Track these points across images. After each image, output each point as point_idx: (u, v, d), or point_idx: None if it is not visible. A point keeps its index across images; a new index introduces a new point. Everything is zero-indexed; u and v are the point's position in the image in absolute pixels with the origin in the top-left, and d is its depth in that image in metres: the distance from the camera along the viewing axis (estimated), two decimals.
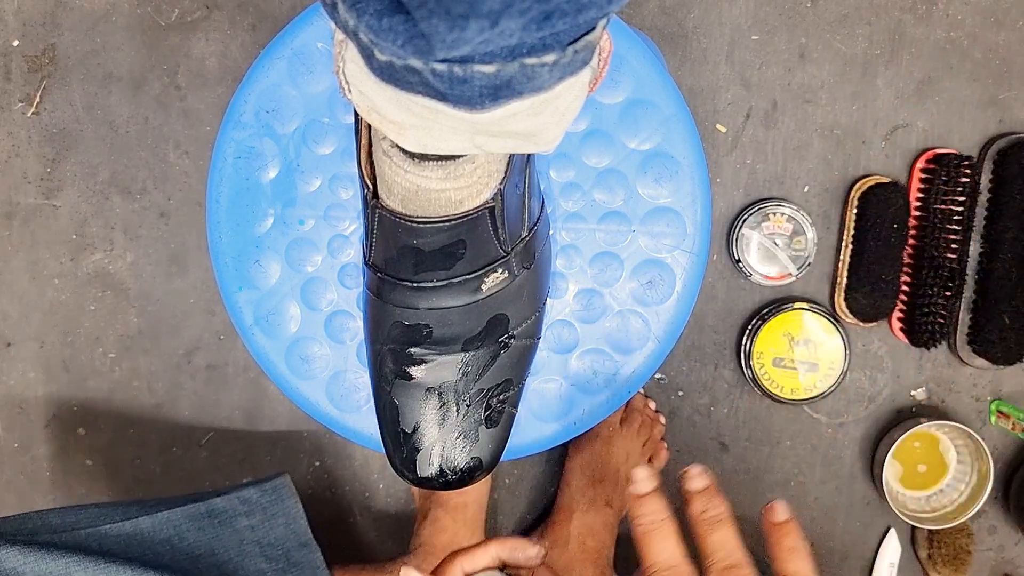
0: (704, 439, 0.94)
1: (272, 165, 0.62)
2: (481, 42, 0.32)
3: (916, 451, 0.93)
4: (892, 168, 0.91)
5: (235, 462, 0.96)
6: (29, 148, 0.93)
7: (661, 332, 0.63)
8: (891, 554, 0.95)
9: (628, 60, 0.61)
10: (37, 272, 0.94)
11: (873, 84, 0.90)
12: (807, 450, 0.95)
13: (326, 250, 0.62)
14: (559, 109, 0.43)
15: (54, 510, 0.67)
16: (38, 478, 0.97)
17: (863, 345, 0.93)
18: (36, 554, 0.59)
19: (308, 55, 0.61)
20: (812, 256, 0.88)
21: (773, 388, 0.90)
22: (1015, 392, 0.93)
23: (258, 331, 0.63)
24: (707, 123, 0.91)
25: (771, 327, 0.89)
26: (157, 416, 0.96)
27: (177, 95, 0.92)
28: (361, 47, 0.38)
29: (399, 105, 0.41)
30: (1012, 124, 0.90)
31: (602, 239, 0.62)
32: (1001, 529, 0.96)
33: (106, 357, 0.95)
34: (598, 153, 0.62)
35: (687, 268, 0.62)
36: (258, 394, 0.95)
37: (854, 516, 0.96)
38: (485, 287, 0.53)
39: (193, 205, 0.93)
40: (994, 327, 0.86)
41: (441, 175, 0.46)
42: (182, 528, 0.69)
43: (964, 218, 0.87)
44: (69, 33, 0.92)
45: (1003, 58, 0.90)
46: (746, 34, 0.90)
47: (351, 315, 0.63)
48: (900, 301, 0.90)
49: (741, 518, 0.94)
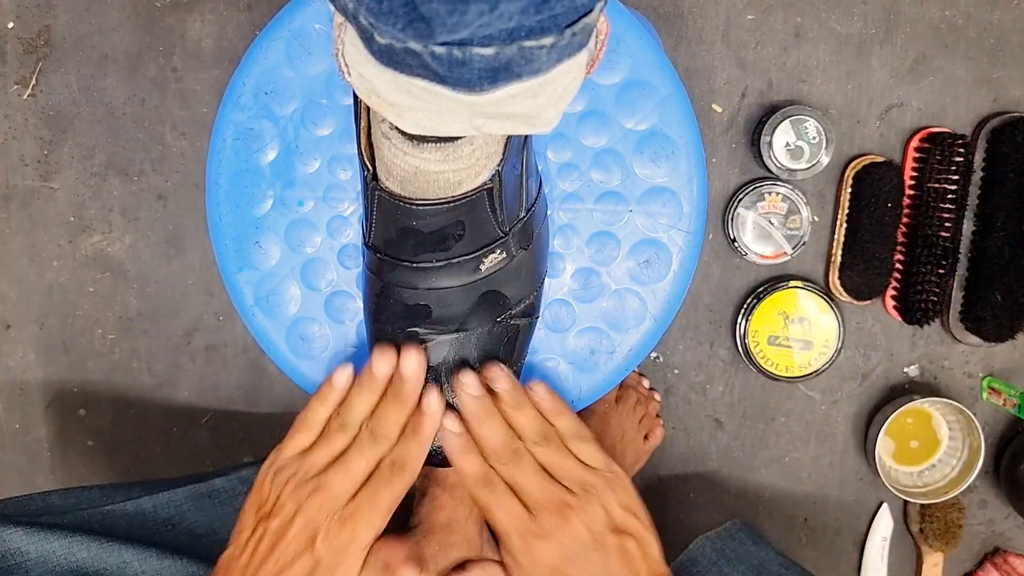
0: (700, 416, 0.96)
1: (271, 147, 0.62)
2: (480, 25, 0.33)
3: (909, 427, 0.94)
4: (886, 147, 0.91)
5: (235, 441, 0.97)
6: (26, 130, 0.93)
7: (657, 311, 0.64)
8: (883, 528, 0.97)
9: (625, 41, 0.61)
10: (36, 254, 0.94)
11: (868, 63, 0.90)
12: (801, 427, 0.96)
13: (325, 231, 0.63)
14: (557, 91, 0.43)
15: (56, 491, 0.67)
16: (39, 459, 0.98)
17: (857, 323, 0.94)
18: (39, 534, 0.59)
19: (306, 36, 0.62)
20: (807, 235, 0.89)
21: (768, 366, 0.91)
22: (1007, 369, 0.95)
23: (258, 311, 0.64)
24: (703, 103, 0.91)
25: (766, 306, 0.90)
26: (157, 397, 0.96)
27: (174, 76, 0.92)
28: (361, 30, 0.38)
29: (398, 87, 0.41)
30: (1006, 103, 0.91)
31: (599, 219, 0.63)
32: (992, 503, 0.97)
33: (105, 338, 0.95)
34: (595, 133, 0.62)
35: (683, 247, 0.63)
36: (257, 374, 0.95)
37: (847, 491, 0.97)
38: (484, 267, 0.54)
39: (191, 187, 0.93)
40: (986, 305, 0.86)
41: (440, 157, 0.47)
42: (183, 508, 0.70)
43: (957, 197, 0.87)
44: (64, 15, 0.91)
45: (997, 37, 0.90)
46: (742, 14, 0.90)
47: (351, 295, 0.63)
48: (894, 279, 0.91)
49: (736, 494, 0.96)
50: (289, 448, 0.54)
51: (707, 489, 0.96)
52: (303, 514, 0.51)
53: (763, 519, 0.97)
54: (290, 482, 0.52)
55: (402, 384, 0.54)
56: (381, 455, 0.53)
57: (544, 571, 0.52)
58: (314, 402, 0.56)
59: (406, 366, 0.54)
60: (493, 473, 0.54)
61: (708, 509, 0.96)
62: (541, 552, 0.51)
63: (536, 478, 0.53)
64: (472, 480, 0.54)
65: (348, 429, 0.54)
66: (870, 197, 0.86)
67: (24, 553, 0.58)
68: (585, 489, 0.54)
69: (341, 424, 0.54)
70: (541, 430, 0.55)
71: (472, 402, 0.54)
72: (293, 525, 0.51)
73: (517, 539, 0.52)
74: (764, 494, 0.97)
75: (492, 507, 0.53)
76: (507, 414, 0.55)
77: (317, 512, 0.51)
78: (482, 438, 0.54)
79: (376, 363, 0.54)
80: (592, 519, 0.53)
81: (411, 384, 0.54)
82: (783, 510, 0.97)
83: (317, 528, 0.51)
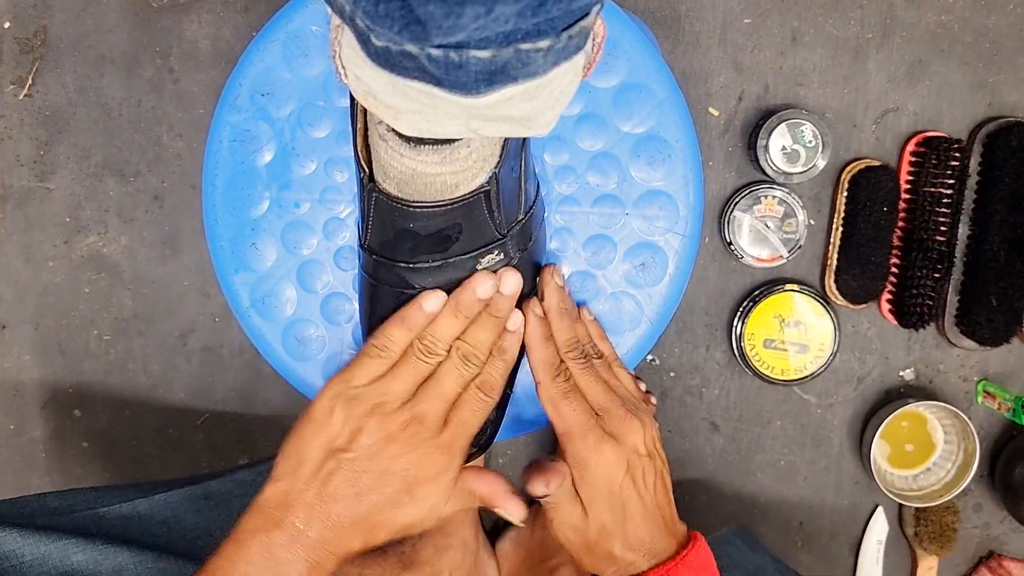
0: (695, 420, 0.96)
1: (267, 148, 0.62)
2: (476, 28, 0.33)
3: (904, 431, 0.95)
4: (882, 151, 0.92)
5: (231, 444, 0.97)
6: (22, 131, 0.93)
7: (653, 314, 0.64)
8: (879, 532, 0.97)
9: (622, 44, 0.61)
10: (31, 255, 0.94)
11: (864, 68, 0.91)
12: (797, 430, 0.96)
13: (322, 233, 0.63)
14: (554, 94, 0.43)
15: (51, 493, 0.67)
16: (34, 460, 0.97)
17: (853, 326, 0.94)
18: (34, 536, 0.59)
19: (303, 38, 0.62)
20: (803, 238, 0.89)
21: (764, 369, 0.91)
22: (1002, 373, 0.95)
23: (254, 313, 0.64)
24: (700, 106, 0.91)
25: (762, 309, 0.90)
26: (153, 398, 0.96)
27: (170, 77, 0.92)
28: (357, 32, 0.38)
29: (395, 90, 0.41)
30: (1001, 108, 0.91)
31: (596, 222, 0.63)
32: (987, 507, 0.97)
33: (101, 340, 0.95)
34: (592, 137, 0.62)
35: (679, 250, 0.63)
36: (253, 376, 0.95)
37: (843, 495, 0.97)
38: (480, 267, 0.54)
39: (187, 188, 0.93)
40: (982, 309, 0.87)
41: (437, 159, 0.47)
42: (179, 510, 0.69)
43: (953, 201, 0.88)
44: (61, 15, 0.91)
45: (993, 41, 0.90)
46: (739, 17, 0.90)
47: (347, 297, 0.63)
48: (889, 283, 0.91)
49: (732, 497, 0.96)
50: (361, 375, 0.52)
51: (702, 492, 0.96)
52: (397, 444, 0.49)
53: (758, 522, 0.97)
54: (375, 412, 0.50)
55: (502, 302, 0.54)
56: (472, 377, 0.53)
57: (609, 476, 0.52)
58: (393, 327, 0.53)
59: (507, 285, 0.54)
60: (565, 375, 0.55)
61: (703, 512, 0.96)
62: (608, 453, 0.52)
63: (600, 385, 0.55)
64: (547, 369, 0.55)
65: (437, 352, 0.52)
66: (866, 201, 0.87)
67: (19, 555, 0.58)
68: (638, 405, 0.56)
69: (428, 348, 0.52)
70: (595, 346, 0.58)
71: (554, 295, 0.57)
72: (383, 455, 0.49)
73: (585, 437, 0.53)
74: (759, 497, 0.97)
75: (562, 403, 0.54)
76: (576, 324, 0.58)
77: (411, 440, 0.49)
78: (559, 331, 0.56)
79: (480, 285, 0.53)
80: (647, 436, 0.55)
81: (509, 302, 0.54)
82: (778, 513, 0.97)
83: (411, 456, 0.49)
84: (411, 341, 0.53)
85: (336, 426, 0.50)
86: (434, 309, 0.53)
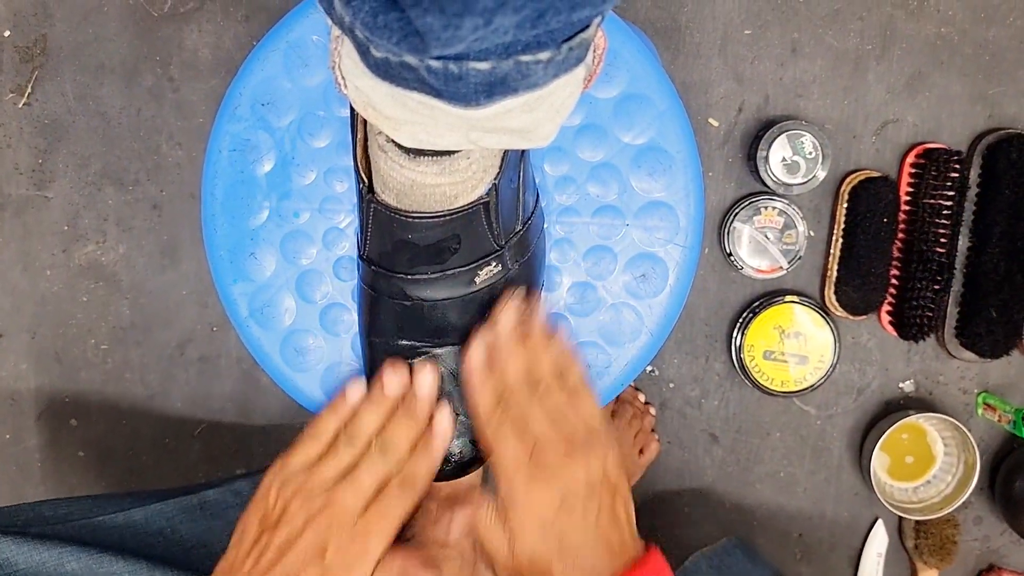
0: (695, 431, 0.95)
1: (267, 158, 0.62)
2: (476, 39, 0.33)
3: (904, 443, 0.94)
4: (882, 163, 0.92)
5: (228, 453, 0.96)
6: (21, 139, 0.93)
7: (654, 325, 0.63)
8: (879, 544, 0.96)
9: (622, 55, 0.61)
10: (29, 263, 0.94)
11: (864, 79, 0.91)
12: (796, 441, 0.96)
13: (321, 243, 0.63)
14: (554, 106, 0.43)
15: (47, 501, 0.67)
16: (30, 469, 0.97)
17: (852, 338, 0.94)
18: (29, 545, 0.59)
19: (303, 48, 0.61)
20: (803, 250, 0.89)
21: (763, 380, 0.91)
22: (1002, 385, 0.94)
23: (253, 323, 0.63)
24: (700, 117, 0.91)
25: (762, 320, 0.90)
26: (150, 408, 0.96)
27: (170, 86, 0.92)
28: (357, 43, 0.38)
29: (395, 101, 0.41)
30: (1001, 119, 0.91)
31: (596, 232, 0.63)
32: (987, 520, 0.97)
33: (98, 349, 0.95)
34: (592, 147, 0.62)
35: (680, 261, 0.63)
36: (251, 386, 0.95)
37: (842, 506, 0.97)
38: (479, 280, 0.53)
39: (186, 197, 0.93)
40: (981, 321, 0.86)
41: (436, 170, 0.47)
42: (175, 520, 0.69)
43: (953, 212, 0.88)
44: (61, 23, 0.91)
45: (992, 54, 0.90)
46: (739, 29, 0.90)
47: (346, 308, 0.63)
48: (889, 294, 0.91)
49: (731, 508, 0.96)
50: (297, 459, 0.54)
51: (702, 504, 0.96)
52: (313, 527, 0.50)
53: (758, 534, 0.97)
54: (299, 494, 0.51)
55: (415, 402, 0.53)
56: (390, 471, 0.53)
57: (539, 513, 0.51)
58: (325, 414, 0.55)
59: (421, 385, 0.53)
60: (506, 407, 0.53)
61: (703, 524, 0.96)
62: (540, 493, 0.51)
63: (545, 418, 0.53)
64: (483, 401, 0.53)
65: (356, 444, 0.53)
66: (866, 212, 0.87)
67: (13, 564, 0.58)
68: (589, 438, 0.53)
69: (349, 438, 0.53)
70: (557, 372, 0.55)
71: (506, 319, 0.54)
72: (303, 537, 0.50)
73: (518, 477, 0.51)
74: (759, 509, 0.96)
75: (497, 436, 0.52)
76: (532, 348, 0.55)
77: (327, 526, 0.50)
78: (508, 364, 0.54)
79: (388, 380, 0.54)
80: (592, 469, 0.52)
81: (425, 403, 0.53)
82: (778, 525, 0.97)
83: (327, 541, 0.50)
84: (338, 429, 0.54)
85: (270, 503, 0.52)
86: (355, 398, 0.55)
